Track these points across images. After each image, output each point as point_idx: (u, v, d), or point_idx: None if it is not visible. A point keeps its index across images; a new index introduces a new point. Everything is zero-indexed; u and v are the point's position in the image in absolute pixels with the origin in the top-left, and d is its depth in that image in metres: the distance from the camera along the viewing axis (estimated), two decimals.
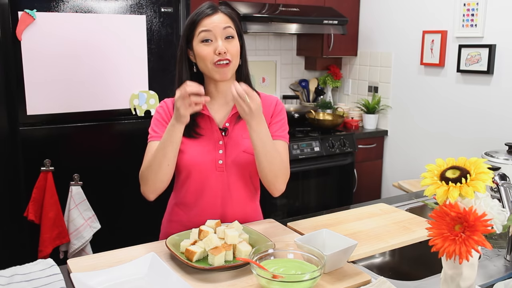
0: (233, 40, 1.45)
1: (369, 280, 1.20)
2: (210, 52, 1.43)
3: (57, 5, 2.25)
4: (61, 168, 2.33)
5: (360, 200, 3.33)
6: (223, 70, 1.43)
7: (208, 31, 1.42)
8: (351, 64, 3.90)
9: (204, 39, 1.43)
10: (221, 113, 1.54)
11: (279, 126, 1.55)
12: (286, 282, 1.06)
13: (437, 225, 0.92)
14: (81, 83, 2.35)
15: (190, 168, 1.49)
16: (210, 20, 1.43)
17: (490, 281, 1.24)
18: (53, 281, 1.16)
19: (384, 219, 1.63)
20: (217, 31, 1.42)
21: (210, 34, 1.43)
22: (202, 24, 1.43)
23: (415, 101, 3.38)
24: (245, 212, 1.58)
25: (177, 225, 1.56)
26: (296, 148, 3.12)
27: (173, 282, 1.14)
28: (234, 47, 1.45)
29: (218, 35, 1.42)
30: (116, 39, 2.40)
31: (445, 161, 0.99)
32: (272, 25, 3.13)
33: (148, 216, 2.26)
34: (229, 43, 1.44)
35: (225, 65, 1.43)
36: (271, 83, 3.82)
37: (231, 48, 1.44)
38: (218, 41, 1.42)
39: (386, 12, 3.53)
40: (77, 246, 2.33)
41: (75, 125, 2.38)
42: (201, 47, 1.44)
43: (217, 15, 1.44)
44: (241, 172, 1.52)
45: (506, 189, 1.32)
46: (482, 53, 2.88)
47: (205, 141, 1.50)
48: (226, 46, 1.43)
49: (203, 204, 1.53)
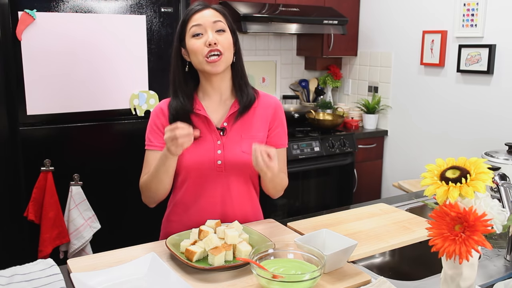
0: (224, 33, 1.46)
1: (369, 280, 1.20)
2: (201, 45, 1.44)
3: (57, 5, 2.25)
4: (61, 168, 2.33)
5: (360, 200, 3.33)
6: (214, 64, 1.44)
7: (198, 25, 1.44)
8: (351, 64, 3.90)
9: (195, 33, 1.45)
10: (219, 112, 1.54)
11: (282, 134, 1.60)
12: (286, 282, 1.06)
13: (437, 225, 0.92)
14: (81, 83, 2.35)
15: (188, 169, 1.50)
16: (200, 14, 1.46)
17: (490, 281, 1.24)
18: (53, 281, 1.16)
19: (384, 219, 1.63)
20: (207, 24, 1.44)
21: (201, 28, 1.44)
22: (192, 19, 1.46)
23: (415, 101, 3.38)
24: (245, 211, 1.58)
25: (177, 225, 1.56)
26: (296, 148, 3.12)
27: (173, 282, 1.14)
28: (225, 40, 1.46)
29: (208, 27, 1.44)
30: (116, 39, 2.40)
31: (445, 161, 0.99)
32: (272, 25, 3.13)
33: (148, 216, 2.26)
34: (220, 36, 1.45)
35: (216, 57, 1.43)
36: (271, 83, 3.82)
37: (222, 40, 1.45)
38: (209, 33, 1.44)
39: (386, 12, 3.53)
40: (77, 246, 2.33)
41: (75, 125, 2.38)
42: (192, 41, 1.45)
43: (207, 10, 1.47)
44: (240, 172, 1.52)
45: (506, 189, 1.32)
46: (482, 53, 2.88)
47: (203, 142, 1.50)
48: (217, 38, 1.44)
49: (203, 204, 1.53)
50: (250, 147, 1.46)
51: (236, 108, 1.52)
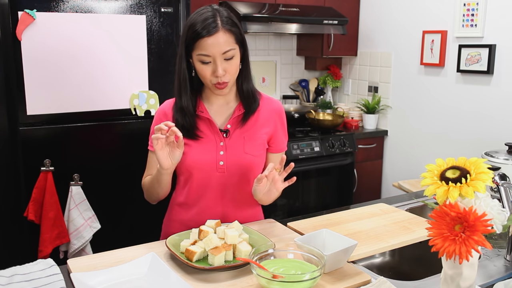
0: (232, 60, 1.42)
1: (369, 280, 1.20)
2: (209, 73, 1.42)
3: (57, 5, 2.25)
4: (61, 168, 2.33)
5: (360, 200, 3.33)
6: (221, 90, 1.45)
7: (207, 55, 1.39)
8: (351, 64, 3.90)
9: (203, 60, 1.41)
10: (222, 114, 1.54)
11: (284, 138, 1.63)
12: (286, 282, 1.06)
13: (437, 225, 0.92)
14: (81, 83, 2.35)
15: (191, 169, 1.50)
16: (210, 41, 1.37)
17: (490, 281, 1.24)
18: (53, 281, 1.16)
19: (384, 219, 1.63)
20: (217, 56, 1.39)
21: (209, 57, 1.40)
22: (200, 46, 1.38)
23: (415, 101, 3.38)
24: (246, 213, 1.58)
25: (178, 225, 1.57)
26: (296, 148, 3.12)
27: (173, 282, 1.14)
28: (233, 66, 1.43)
29: (217, 58, 1.39)
30: (116, 39, 2.40)
31: (445, 161, 0.99)
32: (272, 25, 3.13)
33: (148, 216, 2.26)
34: (229, 63, 1.42)
35: (223, 85, 1.44)
36: (271, 83, 3.82)
37: (230, 68, 1.42)
38: (218, 64, 1.39)
39: (386, 12, 3.53)
40: (77, 246, 2.33)
41: (75, 125, 2.38)
42: (200, 66, 1.42)
43: (218, 35, 1.37)
44: (242, 174, 1.52)
45: (506, 189, 1.32)
46: (482, 53, 2.88)
47: (206, 143, 1.50)
48: (225, 67, 1.41)
49: (204, 204, 1.54)
50: (252, 149, 1.50)
51: (241, 111, 1.52)
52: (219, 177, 1.51)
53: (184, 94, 1.49)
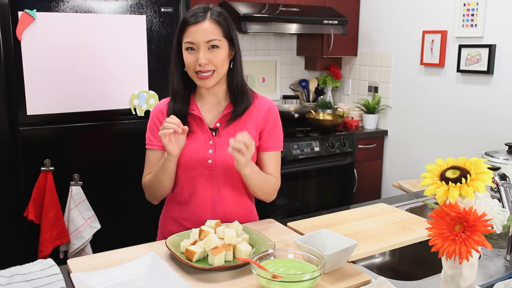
0: (217, 50, 1.45)
1: (369, 280, 1.20)
2: (193, 61, 1.45)
3: (57, 5, 2.25)
4: (61, 168, 2.33)
5: (360, 200, 3.33)
6: (205, 80, 1.46)
7: (191, 42, 1.44)
8: (351, 64, 3.90)
9: (188, 47, 1.46)
10: (212, 113, 1.56)
11: (274, 137, 1.59)
12: (286, 282, 1.06)
13: (437, 225, 0.92)
14: (81, 83, 2.35)
15: (179, 167, 1.52)
16: (195, 29, 1.43)
17: (490, 281, 1.24)
18: (53, 281, 1.16)
19: (384, 219, 1.63)
20: (200, 43, 1.43)
21: (194, 45, 1.44)
22: (187, 33, 1.45)
23: (415, 101, 3.38)
24: (236, 212, 1.57)
25: (172, 221, 1.59)
26: (296, 148, 3.12)
27: (173, 282, 1.14)
28: (217, 57, 1.45)
29: (201, 45, 1.43)
30: (116, 39, 2.40)
31: (445, 161, 0.99)
32: (272, 25, 3.13)
33: (148, 216, 2.26)
34: (212, 53, 1.44)
35: (206, 76, 1.45)
36: (271, 83, 3.82)
37: (214, 58, 1.44)
38: (200, 52, 1.43)
39: (386, 12, 3.53)
40: (77, 246, 2.33)
41: (75, 125, 2.38)
42: (186, 54, 1.47)
43: (203, 24, 1.43)
44: (231, 172, 1.52)
45: (506, 189, 1.32)
46: (482, 53, 2.88)
47: (196, 140, 1.52)
48: (209, 56, 1.44)
49: (195, 202, 1.55)
50: None
51: (230, 110, 1.53)
52: (207, 175, 1.52)
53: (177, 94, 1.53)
